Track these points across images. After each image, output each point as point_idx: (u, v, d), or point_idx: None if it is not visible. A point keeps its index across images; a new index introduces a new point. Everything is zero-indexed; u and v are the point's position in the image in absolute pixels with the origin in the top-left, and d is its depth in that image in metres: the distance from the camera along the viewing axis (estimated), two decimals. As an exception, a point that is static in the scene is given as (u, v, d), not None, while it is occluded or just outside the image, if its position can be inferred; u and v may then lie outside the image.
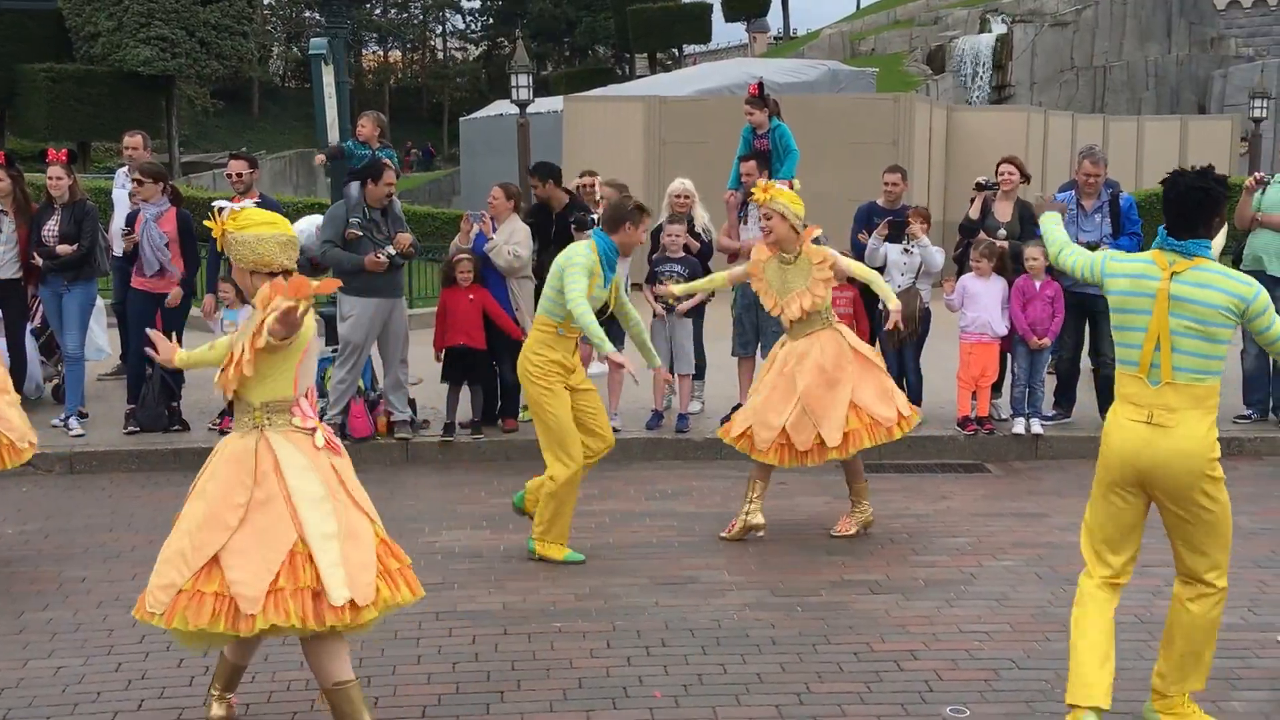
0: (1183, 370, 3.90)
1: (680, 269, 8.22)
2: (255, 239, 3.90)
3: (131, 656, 4.79)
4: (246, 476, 3.83)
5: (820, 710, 4.31)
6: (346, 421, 8.02)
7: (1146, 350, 3.93)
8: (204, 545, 3.77)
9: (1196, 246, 3.92)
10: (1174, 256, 3.94)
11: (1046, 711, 4.29)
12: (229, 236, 3.90)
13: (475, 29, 69.87)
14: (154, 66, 35.46)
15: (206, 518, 3.81)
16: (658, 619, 5.20)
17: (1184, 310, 3.88)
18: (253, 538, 3.76)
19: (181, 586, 3.75)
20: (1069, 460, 8.11)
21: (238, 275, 4.01)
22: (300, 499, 3.80)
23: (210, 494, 3.86)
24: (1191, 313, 3.87)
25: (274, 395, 3.91)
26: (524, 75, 20.98)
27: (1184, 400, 3.90)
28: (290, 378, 3.93)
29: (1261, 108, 27.85)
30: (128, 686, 4.52)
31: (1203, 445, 3.90)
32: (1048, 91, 37.66)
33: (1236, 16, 44.48)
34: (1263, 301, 3.88)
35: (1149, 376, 3.94)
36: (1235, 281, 3.90)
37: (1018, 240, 8.39)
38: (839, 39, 45.41)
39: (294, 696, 4.44)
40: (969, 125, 20.39)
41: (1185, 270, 3.90)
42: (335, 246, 7.78)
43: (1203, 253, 3.92)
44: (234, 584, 3.70)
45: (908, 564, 5.95)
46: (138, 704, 4.38)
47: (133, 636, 4.95)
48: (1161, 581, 5.67)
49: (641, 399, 8.85)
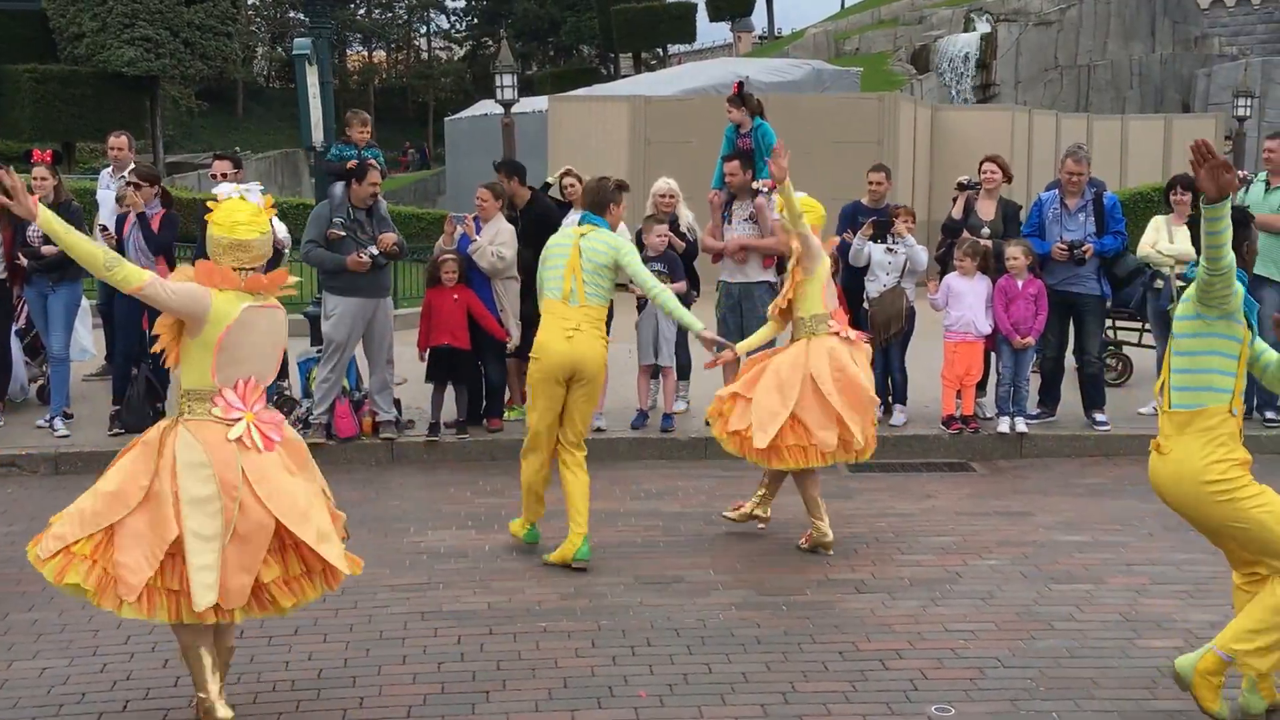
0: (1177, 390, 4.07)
1: (662, 267, 8.22)
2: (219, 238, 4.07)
3: (116, 658, 4.76)
4: (151, 464, 3.95)
5: (805, 709, 4.32)
6: (332, 421, 8.01)
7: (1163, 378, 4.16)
8: (103, 513, 3.91)
9: None
10: None
11: (1031, 710, 4.31)
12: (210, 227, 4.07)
13: (460, 29, 69.71)
14: (138, 67, 35.27)
15: (116, 489, 3.94)
16: (643, 618, 5.20)
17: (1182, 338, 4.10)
18: (146, 525, 3.88)
19: (69, 545, 3.88)
20: (1053, 459, 8.14)
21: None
22: (185, 499, 3.88)
23: (124, 468, 4.00)
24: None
25: (194, 384, 4.02)
26: (509, 75, 20.93)
27: (1173, 427, 4.07)
28: (207, 366, 3.99)
29: (1245, 106, 27.97)
30: (113, 688, 4.50)
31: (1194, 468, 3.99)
32: (1032, 90, 37.79)
33: (1220, 15, 44.70)
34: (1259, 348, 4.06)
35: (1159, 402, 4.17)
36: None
37: (1000, 239, 8.42)
38: (823, 38, 45.48)
39: (279, 697, 4.43)
40: (953, 124, 20.44)
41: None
42: (318, 246, 7.77)
43: None
44: (120, 565, 3.85)
45: (893, 563, 5.96)
46: (123, 705, 4.35)
47: (118, 638, 4.93)
48: (1148, 580, 5.71)
49: (626, 399, 8.86)
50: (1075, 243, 8.19)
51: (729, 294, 8.31)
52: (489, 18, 65.63)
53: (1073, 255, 8.17)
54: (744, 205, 8.21)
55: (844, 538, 6.34)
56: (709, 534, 6.43)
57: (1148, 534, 6.43)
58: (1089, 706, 4.33)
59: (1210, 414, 3.99)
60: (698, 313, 8.97)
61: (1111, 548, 6.19)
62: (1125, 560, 6.00)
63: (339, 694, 4.45)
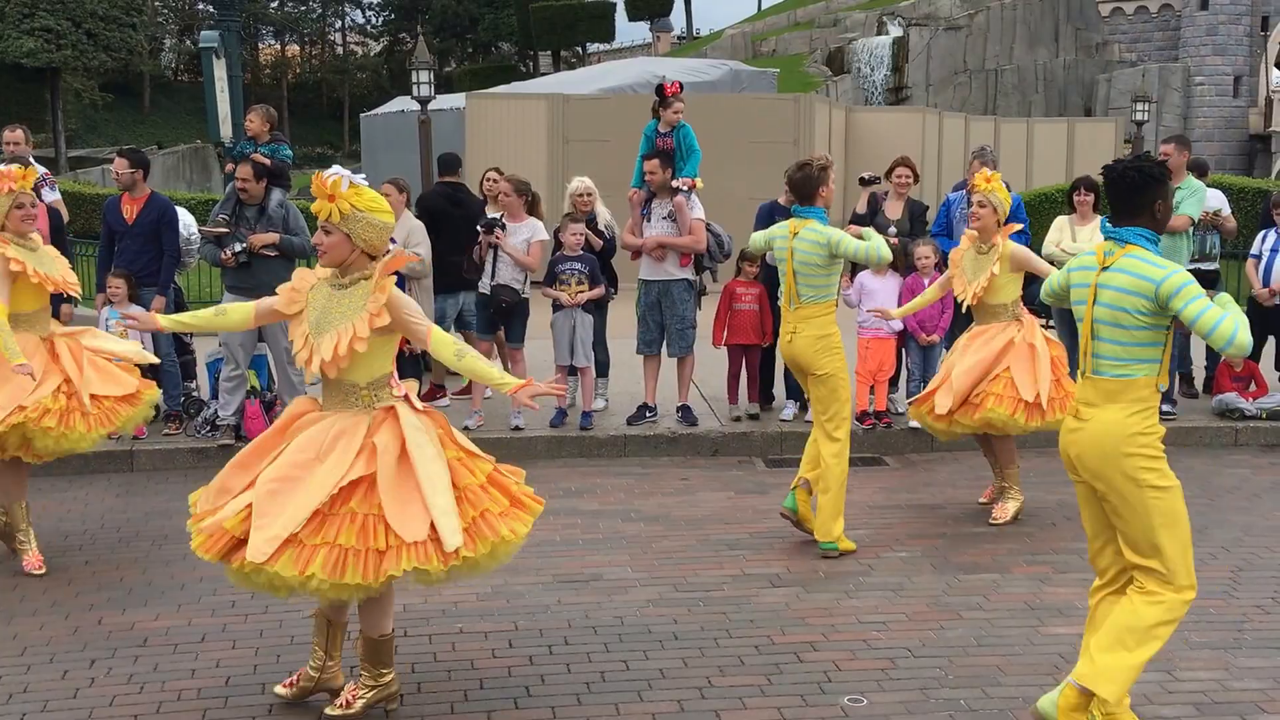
0: (1103, 359, 3.86)
1: (580, 266, 8.22)
2: (384, 224, 4.11)
3: (77, 665, 4.63)
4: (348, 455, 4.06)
5: (721, 704, 4.35)
6: (242, 422, 7.86)
7: (1083, 342, 3.94)
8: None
9: (1131, 234, 3.83)
10: (1110, 245, 3.89)
11: (941, 698, 4.39)
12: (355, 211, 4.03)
13: (376, 24, 68.94)
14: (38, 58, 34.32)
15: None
16: (560, 617, 5.19)
17: (1105, 300, 3.84)
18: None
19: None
20: (963, 453, 8.30)
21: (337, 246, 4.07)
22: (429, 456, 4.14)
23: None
24: (1109, 300, 3.82)
25: (378, 373, 4.17)
26: (425, 71, 20.68)
27: (1099, 394, 3.88)
28: (390, 355, 4.21)
29: (1143, 111, 28.82)
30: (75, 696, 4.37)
31: (1116, 434, 3.82)
32: (943, 93, 38.54)
33: (1120, 23, 46.05)
34: (1173, 284, 3.69)
35: (1080, 368, 3.97)
36: (1149, 266, 3.76)
37: (908, 238, 8.57)
38: (741, 39, 45.88)
39: (184, 706, 4.33)
40: (867, 125, 20.76)
41: (1116, 260, 3.83)
42: (206, 242, 7.84)
43: (1137, 240, 3.83)
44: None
45: (808, 557, 6.03)
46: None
47: (74, 644, 4.78)
48: (1051, 569, 5.85)
49: (545, 397, 8.83)
50: (982, 241, 8.35)
51: (648, 292, 8.34)
52: (406, 13, 64.99)
53: (980, 254, 8.33)
54: (663, 204, 8.23)
55: (760, 532, 6.41)
56: (627, 532, 6.45)
57: (1051, 524, 6.60)
58: (996, 694, 4.43)
59: (1142, 385, 3.85)
60: (616, 311, 9.07)
61: (1016, 538, 6.34)
62: (1030, 550, 6.15)
63: (248, 701, 4.37)
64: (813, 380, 6.14)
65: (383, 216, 4.10)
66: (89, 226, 18.32)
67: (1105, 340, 3.87)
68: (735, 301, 8.50)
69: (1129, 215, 3.88)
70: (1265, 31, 42.85)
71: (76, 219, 13.94)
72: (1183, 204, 8.44)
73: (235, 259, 7.65)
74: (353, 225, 4.04)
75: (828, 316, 6.09)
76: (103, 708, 4.33)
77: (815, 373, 6.08)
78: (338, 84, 63.02)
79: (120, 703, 4.36)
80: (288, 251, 7.88)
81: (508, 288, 8.13)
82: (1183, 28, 43.60)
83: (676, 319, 8.25)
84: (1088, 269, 3.97)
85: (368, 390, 4.12)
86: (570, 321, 8.20)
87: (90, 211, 20.46)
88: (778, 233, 6.26)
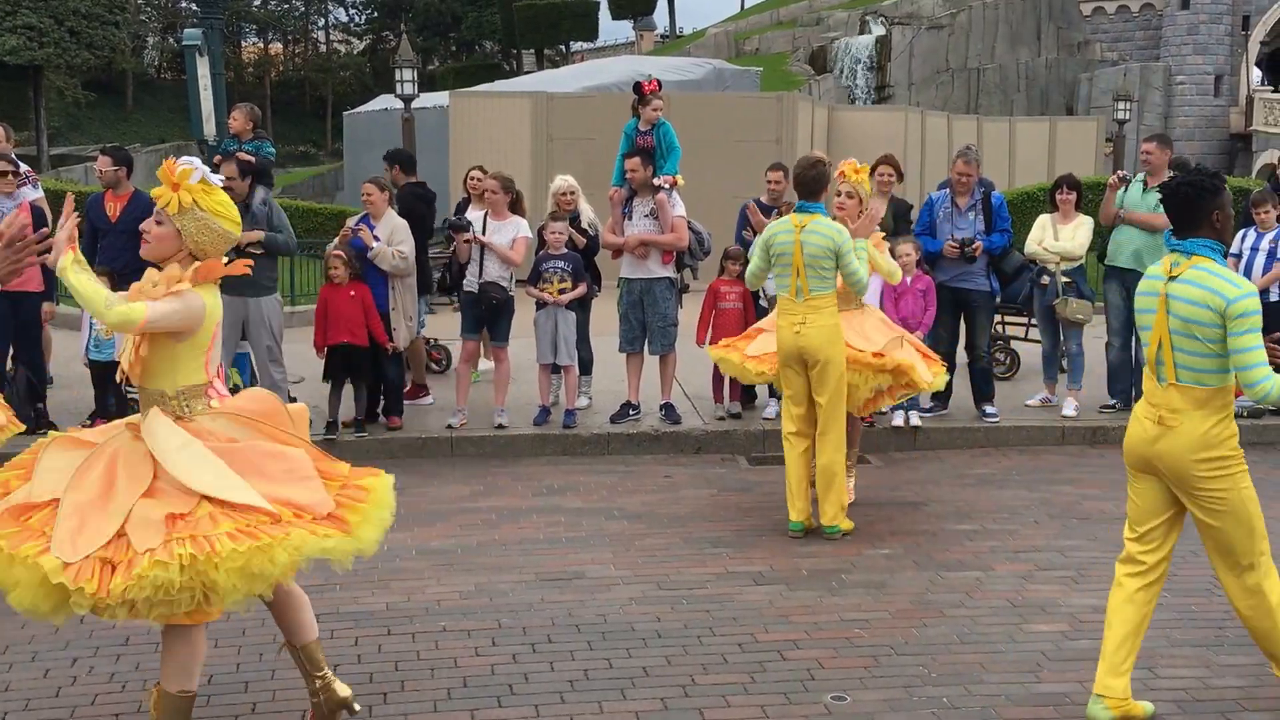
0: (1185, 369, 3.96)
1: (564, 264, 8.22)
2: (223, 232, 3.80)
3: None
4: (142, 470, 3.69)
5: (705, 702, 4.36)
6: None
7: (1151, 351, 4.05)
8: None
9: (1195, 245, 3.96)
10: (1177, 257, 4.00)
11: (924, 696, 4.41)
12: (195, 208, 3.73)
13: (359, 22, 68.69)
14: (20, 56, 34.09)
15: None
16: (543, 615, 5.19)
17: (1175, 309, 3.94)
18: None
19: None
20: (946, 451, 8.34)
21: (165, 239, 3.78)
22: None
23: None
24: (1181, 312, 3.93)
25: (188, 382, 3.80)
26: (409, 69, 20.66)
27: (1187, 402, 3.97)
28: (201, 363, 3.83)
29: (1125, 109, 28.98)
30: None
31: (1200, 440, 3.95)
32: (925, 92, 38.65)
33: (1101, 22, 46.27)
34: (1239, 309, 3.82)
35: (1157, 375, 4.05)
36: (1220, 280, 3.88)
37: (891, 237, 8.59)
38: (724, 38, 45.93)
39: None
40: (850, 124, 20.82)
41: (1184, 271, 3.94)
42: None
43: (1203, 252, 3.94)
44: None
45: (790, 555, 6.05)
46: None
47: (55, 643, 4.76)
48: (1034, 566, 5.88)
49: (528, 395, 8.84)
50: (965, 240, 8.41)
51: (630, 290, 8.35)
52: (389, 11, 64.79)
53: (963, 253, 8.39)
54: (644, 202, 8.24)
55: (743, 530, 6.42)
56: (610, 529, 6.45)
57: (1034, 522, 6.64)
58: (978, 691, 4.45)
59: (1226, 390, 4.00)
60: (599, 309, 9.07)
61: (999, 536, 6.37)
62: (1012, 548, 6.18)
63: (230, 699, 4.36)
64: (818, 372, 6.18)
65: (225, 224, 3.79)
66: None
67: (1183, 351, 3.96)
68: (720, 300, 8.51)
69: (1189, 228, 4.01)
70: (1246, 31, 43.14)
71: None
72: (1163, 203, 8.50)
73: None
74: (188, 221, 3.74)
75: (834, 305, 6.22)
76: (85, 706, 4.31)
77: (825, 361, 6.15)
78: (321, 82, 62.77)
79: (102, 701, 4.34)
80: (273, 249, 7.86)
81: (496, 285, 8.13)
82: (1164, 27, 43.86)
83: (659, 317, 8.26)
84: (1155, 278, 4.07)
85: (176, 399, 3.77)
86: (553, 320, 8.20)
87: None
88: (778, 230, 6.27)
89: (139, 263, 8.41)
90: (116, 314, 3.59)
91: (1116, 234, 8.75)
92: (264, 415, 3.91)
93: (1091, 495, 7.18)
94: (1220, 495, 3.99)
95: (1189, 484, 4.01)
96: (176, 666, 3.76)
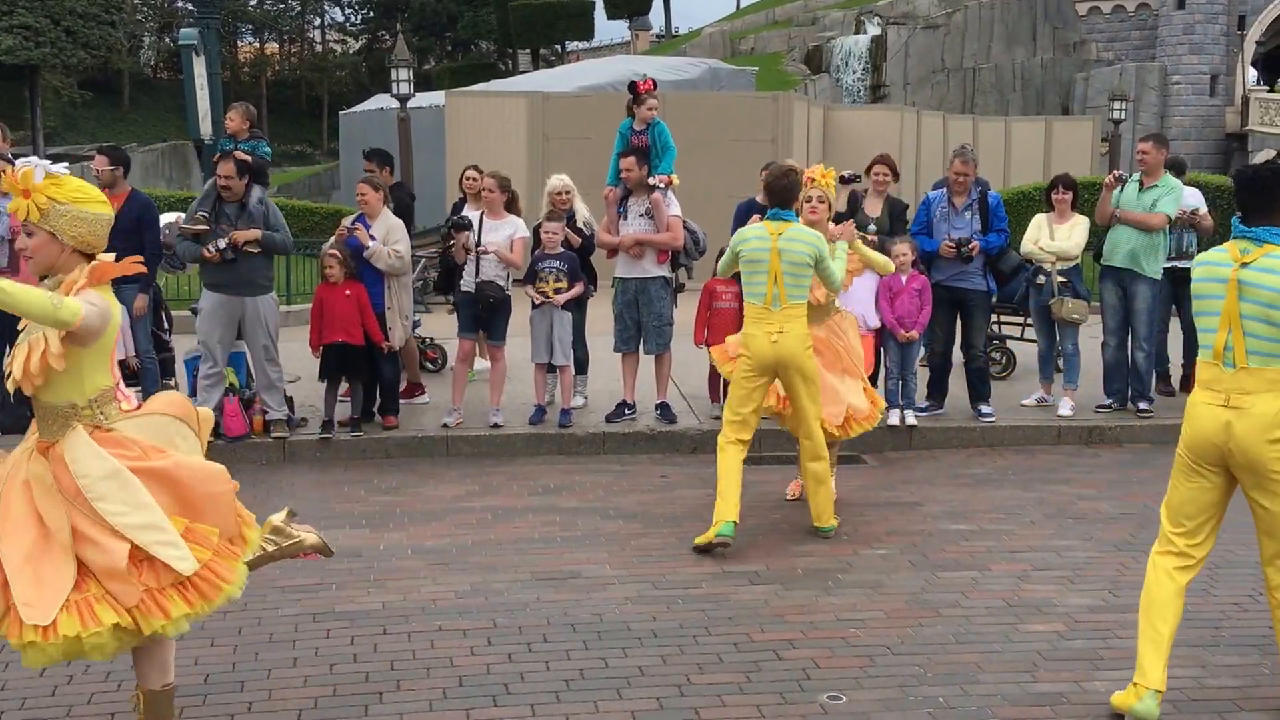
0: (1256, 354, 3.99)
1: (560, 264, 8.22)
2: (95, 216, 3.61)
3: None
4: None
5: (700, 702, 4.36)
6: (221, 420, 7.83)
7: (1220, 337, 4.05)
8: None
9: (1268, 233, 4.01)
10: (1246, 244, 4.04)
11: (920, 696, 4.41)
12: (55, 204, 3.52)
13: (355, 22, 68.60)
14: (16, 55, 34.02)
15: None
16: (539, 615, 5.19)
17: (1251, 295, 3.96)
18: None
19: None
20: (941, 450, 8.35)
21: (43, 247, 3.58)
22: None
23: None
24: (1258, 297, 3.95)
25: (100, 388, 3.66)
26: (404, 69, 20.65)
27: (1259, 383, 4.00)
28: (107, 366, 3.68)
29: (1120, 109, 29.00)
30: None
31: (1275, 419, 3.98)
32: (920, 92, 38.67)
33: (1097, 22, 46.29)
34: None
35: (1223, 360, 4.06)
36: None
37: (887, 236, 8.60)
38: (719, 38, 45.92)
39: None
40: (845, 124, 20.83)
41: (1257, 258, 3.98)
42: (184, 239, 7.83)
43: (1275, 239, 4.00)
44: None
45: (786, 554, 6.05)
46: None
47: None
48: (1030, 566, 5.89)
49: (524, 394, 8.83)
50: (962, 240, 8.41)
51: (625, 290, 8.35)
52: (385, 11, 64.69)
53: (960, 253, 8.39)
54: (640, 201, 8.24)
55: (739, 530, 6.41)
56: (606, 529, 6.45)
57: (1029, 522, 6.64)
58: (974, 690, 4.45)
59: None
60: (595, 309, 9.07)
61: (995, 535, 6.38)
62: (1008, 547, 6.18)
63: (226, 699, 4.36)
64: (798, 379, 6.16)
65: (93, 207, 3.59)
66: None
67: (1257, 336, 3.99)
68: (715, 300, 8.49)
69: (1263, 214, 4.05)
70: (1242, 31, 43.16)
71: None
72: (1160, 202, 8.52)
73: (221, 255, 7.63)
74: (56, 221, 3.53)
75: (805, 315, 6.18)
76: (80, 705, 4.31)
77: (802, 368, 6.12)
78: (317, 82, 62.70)
79: (98, 700, 4.33)
80: (270, 248, 7.87)
81: (493, 284, 8.13)
82: (1159, 27, 43.87)
83: (654, 316, 8.26)
84: (1220, 265, 4.08)
85: (90, 408, 3.62)
86: (548, 319, 8.20)
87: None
88: (752, 235, 6.21)
89: (136, 262, 8.40)
90: (69, 309, 3.41)
91: (1112, 234, 8.75)
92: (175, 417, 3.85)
93: (1087, 495, 7.19)
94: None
95: (1262, 465, 4.02)
96: (153, 666, 3.80)
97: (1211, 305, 4.09)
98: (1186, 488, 4.22)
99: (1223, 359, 4.06)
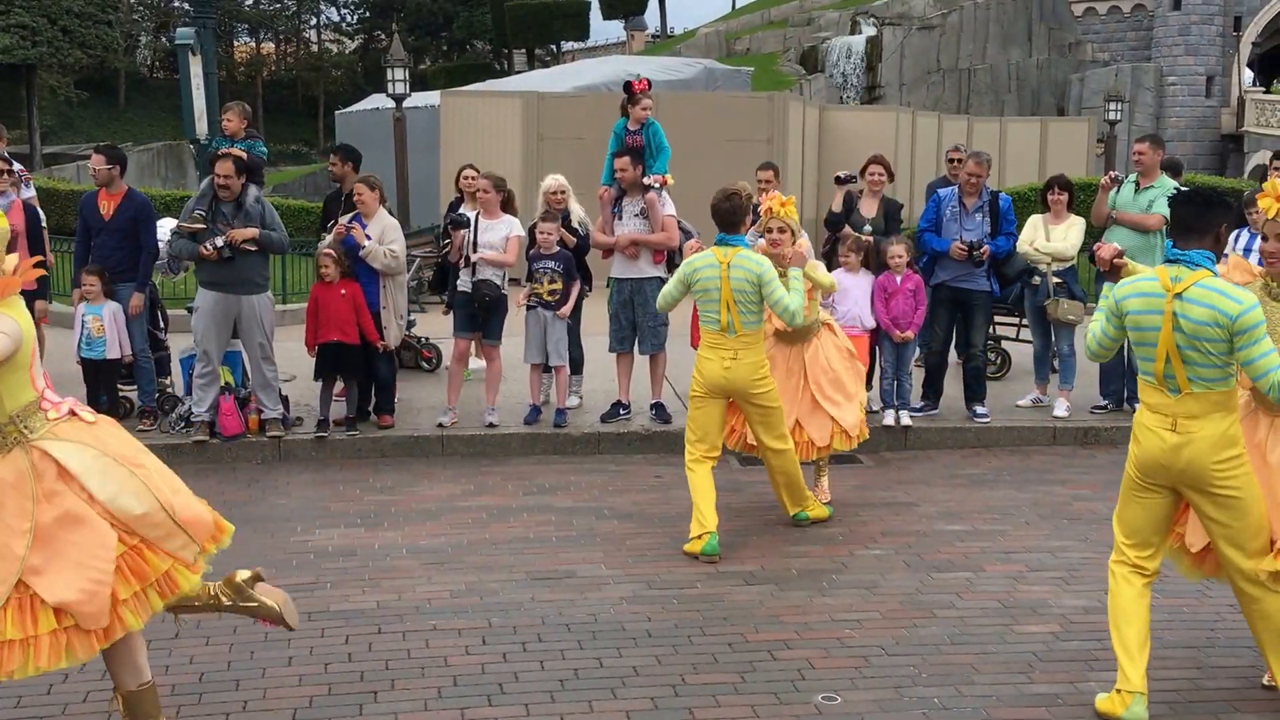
0: (1198, 380, 4.01)
1: (555, 265, 8.21)
2: None
3: None
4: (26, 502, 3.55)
5: (695, 702, 4.36)
6: (216, 419, 7.83)
7: (1159, 365, 4.07)
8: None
9: (1199, 256, 4.00)
10: (1178, 270, 4.02)
11: (915, 696, 4.41)
12: None
13: (351, 22, 68.59)
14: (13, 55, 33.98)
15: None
16: (534, 614, 5.19)
17: (1184, 327, 3.97)
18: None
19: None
20: (937, 450, 8.35)
21: None
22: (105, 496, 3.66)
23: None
24: (1190, 330, 3.96)
25: (21, 403, 3.58)
26: (400, 69, 20.62)
27: (1204, 406, 4.03)
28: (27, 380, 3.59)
29: (1116, 110, 29.00)
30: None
31: (1220, 440, 4.02)
32: (916, 92, 38.69)
33: (1093, 23, 46.35)
34: (1246, 323, 3.87)
35: (1167, 388, 4.08)
36: (1224, 299, 3.92)
37: (882, 236, 8.61)
38: (715, 38, 45.91)
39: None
40: (841, 124, 20.83)
41: (1188, 288, 3.97)
42: (180, 237, 7.82)
43: (1205, 264, 3.99)
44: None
45: (781, 554, 6.05)
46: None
47: None
48: (1025, 567, 5.90)
49: (519, 394, 8.83)
50: (974, 244, 8.40)
51: (620, 290, 8.34)
52: (381, 11, 64.68)
53: (971, 256, 8.38)
54: (634, 201, 8.24)
55: (733, 530, 6.42)
56: (601, 529, 6.45)
57: (1024, 523, 6.65)
58: (969, 691, 4.45)
59: (1234, 391, 4.08)
60: (590, 309, 9.06)
61: (990, 536, 6.38)
62: (1003, 548, 6.19)
63: (221, 698, 4.36)
64: (750, 406, 6.13)
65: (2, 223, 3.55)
66: (63, 223, 18.20)
67: (1193, 363, 4.01)
68: (710, 300, 8.49)
69: (1197, 236, 4.05)
70: (1238, 32, 43.23)
71: (50, 215, 13.83)
72: (1156, 203, 8.52)
73: (219, 253, 7.63)
74: None
75: (761, 342, 6.16)
76: (76, 703, 4.31)
77: (756, 396, 6.08)
78: (313, 81, 62.66)
79: (94, 699, 4.33)
80: (267, 246, 7.87)
81: (489, 283, 8.13)
82: (1155, 28, 43.94)
83: (648, 317, 8.26)
84: (1154, 295, 4.06)
85: (13, 426, 3.55)
86: (543, 320, 8.20)
87: (65, 208, 20.30)
88: (701, 264, 6.08)
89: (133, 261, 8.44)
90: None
91: (1108, 235, 8.75)
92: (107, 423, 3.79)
93: (1083, 496, 7.20)
94: (1236, 489, 4.06)
95: (1209, 484, 4.06)
96: (125, 668, 3.81)
97: (1149, 336, 4.09)
98: (1138, 503, 4.27)
99: (1166, 386, 4.10)
